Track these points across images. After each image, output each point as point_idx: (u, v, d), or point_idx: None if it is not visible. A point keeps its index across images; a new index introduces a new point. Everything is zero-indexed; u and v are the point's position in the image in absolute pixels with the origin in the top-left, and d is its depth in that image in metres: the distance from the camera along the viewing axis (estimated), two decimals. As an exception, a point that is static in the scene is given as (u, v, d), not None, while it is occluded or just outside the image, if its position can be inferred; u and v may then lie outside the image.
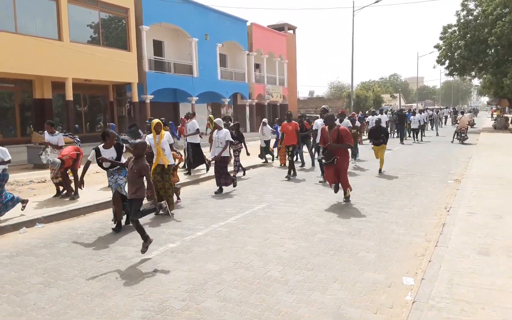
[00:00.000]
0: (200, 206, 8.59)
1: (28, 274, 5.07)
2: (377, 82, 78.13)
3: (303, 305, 4.02)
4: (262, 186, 10.59)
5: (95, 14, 20.79)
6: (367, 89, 51.11)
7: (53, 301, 4.31)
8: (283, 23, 42.09)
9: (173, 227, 6.96)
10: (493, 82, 33.34)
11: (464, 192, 8.49)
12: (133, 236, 6.54)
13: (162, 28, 25.91)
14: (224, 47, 31.14)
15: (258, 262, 5.21)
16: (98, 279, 4.83)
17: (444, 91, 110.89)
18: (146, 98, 23.70)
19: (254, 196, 9.34)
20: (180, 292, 4.40)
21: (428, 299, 3.87)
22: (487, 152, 15.69)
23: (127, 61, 21.95)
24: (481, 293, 3.95)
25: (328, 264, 5.08)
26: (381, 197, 8.83)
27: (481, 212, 6.89)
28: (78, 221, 7.71)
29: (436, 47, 35.11)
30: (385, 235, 6.19)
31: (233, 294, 4.30)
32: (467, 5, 32.64)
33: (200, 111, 29.66)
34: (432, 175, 11.50)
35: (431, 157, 15.82)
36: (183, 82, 26.59)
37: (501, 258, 4.85)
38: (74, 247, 6.09)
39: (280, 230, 6.59)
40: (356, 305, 4.02)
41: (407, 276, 4.66)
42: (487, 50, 31.15)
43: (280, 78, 39.67)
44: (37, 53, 17.44)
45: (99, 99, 23.81)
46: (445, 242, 5.45)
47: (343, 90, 58.25)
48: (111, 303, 4.21)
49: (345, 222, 6.91)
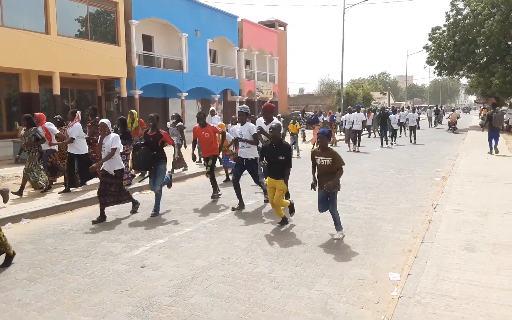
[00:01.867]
0: (189, 202, 8.56)
1: (13, 270, 5.00)
2: (366, 80, 78.56)
3: (291, 301, 4.04)
4: (252, 183, 10.56)
5: (84, 8, 20.51)
6: (357, 87, 51.32)
7: (39, 297, 4.26)
8: (274, 19, 42.07)
9: (161, 223, 6.92)
10: (481, 82, 33.75)
11: (450, 190, 8.60)
12: (120, 232, 6.50)
13: (152, 22, 25.68)
14: (215, 43, 31.00)
15: (246, 258, 5.21)
16: (84, 275, 4.78)
17: (432, 89, 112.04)
18: (135, 93, 23.48)
19: (244, 192, 9.30)
20: (168, 288, 4.38)
21: (414, 294, 3.91)
22: (474, 150, 15.89)
23: (115, 56, 21.71)
24: (466, 289, 4.00)
25: (316, 260, 5.10)
26: (369, 194, 8.89)
27: (467, 209, 6.99)
28: (65, 217, 7.62)
29: (425, 48, 35.42)
30: (372, 231, 6.24)
31: (221, 290, 4.30)
32: (456, 4, 32.95)
33: (190, 107, 29.56)
34: (419, 172, 11.62)
35: (419, 154, 15.98)
36: (173, 77, 26.41)
37: (486, 254, 4.92)
38: (60, 242, 6.02)
39: (269, 226, 6.60)
40: (343, 300, 4.05)
41: (393, 272, 4.70)
42: (476, 50, 31.48)
43: (270, 75, 39.65)
44: (24, 47, 17.14)
45: (87, 93, 23.52)
46: (431, 238, 5.51)
47: (333, 88, 58.46)
48: (98, 299, 4.18)
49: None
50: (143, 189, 9.88)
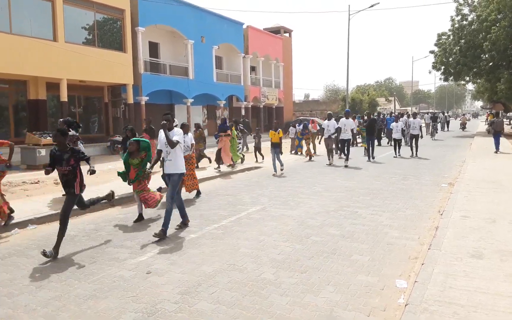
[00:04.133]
0: (194, 208, 8.57)
1: (20, 276, 5.03)
2: (372, 85, 78.52)
3: (297, 308, 4.01)
4: (257, 189, 10.57)
5: (91, 15, 20.72)
6: (363, 93, 51.29)
7: (45, 303, 4.27)
8: (279, 26, 42.19)
9: (167, 229, 6.92)
10: (487, 87, 33.58)
11: (457, 196, 8.53)
12: (126, 238, 6.51)
13: (158, 29, 25.87)
14: (220, 49, 31.13)
15: (252, 264, 5.19)
16: (90, 281, 4.79)
17: (438, 95, 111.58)
18: (141, 99, 23.62)
19: (249, 199, 9.32)
20: (173, 294, 4.38)
21: (421, 302, 3.87)
22: (481, 156, 15.78)
23: (122, 63, 21.88)
24: (474, 297, 3.96)
25: (322, 266, 5.08)
26: (375, 200, 8.85)
27: (475, 215, 6.93)
28: (71, 222, 7.62)
29: (431, 53, 35.34)
30: (378, 238, 6.20)
31: (226, 297, 4.29)
32: (461, 10, 32.88)
33: (195, 113, 29.67)
34: (425, 179, 11.55)
35: (425, 161, 15.89)
36: (179, 84, 26.55)
37: (494, 261, 4.87)
38: (66, 248, 6.04)
39: (274, 232, 6.58)
40: (349, 308, 4.02)
41: (400, 279, 4.66)
42: (482, 55, 31.34)
43: (276, 80, 39.72)
44: (32, 54, 17.35)
45: (94, 100, 23.71)
46: (438, 245, 5.47)
47: (338, 93, 58.44)
48: (103, 305, 4.18)
49: (339, 225, 6.91)
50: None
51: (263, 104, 36.51)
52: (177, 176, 6.69)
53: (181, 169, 6.73)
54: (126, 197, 9.24)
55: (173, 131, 6.66)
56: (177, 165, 6.67)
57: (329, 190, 10.08)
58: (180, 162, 6.73)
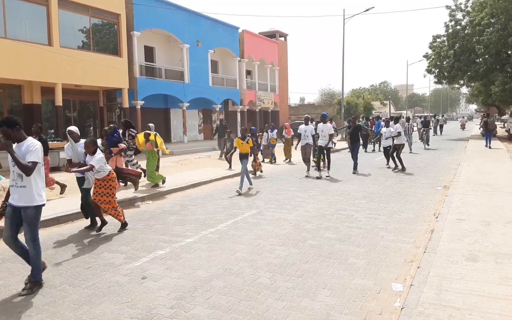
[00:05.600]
0: (190, 212, 8.55)
1: (14, 281, 4.98)
2: (367, 89, 78.74)
3: (293, 312, 4.01)
4: (252, 193, 10.56)
5: (86, 20, 20.70)
6: (358, 96, 51.44)
7: (39, 308, 4.24)
8: (275, 30, 42.32)
9: (162, 234, 6.90)
10: (482, 91, 33.80)
11: (452, 199, 8.57)
12: (122, 243, 6.48)
13: (154, 34, 25.88)
14: (216, 53, 31.18)
15: (248, 268, 5.18)
16: (85, 287, 4.76)
17: (433, 98, 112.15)
18: (136, 103, 23.59)
19: (244, 203, 9.32)
20: (169, 299, 4.36)
21: (417, 305, 3.88)
22: (476, 159, 15.87)
23: (117, 67, 21.85)
24: (469, 299, 3.97)
25: (318, 270, 5.07)
26: (371, 203, 8.87)
27: (470, 218, 6.96)
28: (66, 228, 7.61)
29: (425, 57, 35.57)
30: (374, 241, 6.21)
31: (222, 301, 4.27)
32: (455, 15, 33.13)
33: (191, 117, 29.66)
34: (421, 182, 11.59)
35: (421, 164, 15.95)
36: (174, 88, 26.54)
37: (489, 264, 4.88)
38: (61, 253, 6.00)
39: (270, 236, 6.58)
40: (346, 311, 4.02)
41: (396, 282, 4.67)
42: (476, 59, 31.58)
43: (271, 84, 39.83)
44: (27, 58, 17.29)
45: (89, 104, 23.67)
46: (434, 248, 5.48)
47: (333, 97, 58.60)
48: (99, 310, 4.15)
49: (335, 229, 6.92)
50: (144, 199, 9.89)
51: (258, 108, 36.56)
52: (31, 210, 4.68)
53: (37, 200, 4.69)
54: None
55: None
56: (31, 195, 4.65)
57: (325, 193, 10.09)
58: (37, 189, 4.70)
